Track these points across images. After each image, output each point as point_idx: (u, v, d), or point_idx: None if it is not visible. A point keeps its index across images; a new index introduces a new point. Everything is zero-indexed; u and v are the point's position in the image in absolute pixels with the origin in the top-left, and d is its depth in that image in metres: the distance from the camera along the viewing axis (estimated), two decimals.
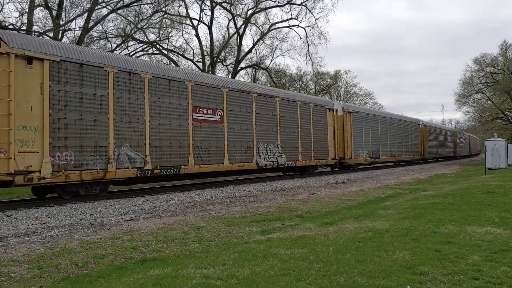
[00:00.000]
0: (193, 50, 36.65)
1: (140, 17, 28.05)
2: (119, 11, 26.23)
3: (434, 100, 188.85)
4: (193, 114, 16.06)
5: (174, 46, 33.59)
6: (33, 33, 21.85)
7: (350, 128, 28.26)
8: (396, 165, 37.53)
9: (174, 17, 32.22)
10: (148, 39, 31.05)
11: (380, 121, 33.36)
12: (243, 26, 35.33)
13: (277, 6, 34.96)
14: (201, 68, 33.64)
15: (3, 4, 23.75)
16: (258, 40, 37.26)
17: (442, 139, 51.15)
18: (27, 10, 22.51)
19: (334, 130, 26.07)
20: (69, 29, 24.63)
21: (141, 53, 31.30)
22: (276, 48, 40.66)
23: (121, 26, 28.68)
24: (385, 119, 34.54)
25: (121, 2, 25.64)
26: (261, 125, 19.71)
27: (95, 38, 27.08)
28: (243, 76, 44.86)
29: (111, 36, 28.12)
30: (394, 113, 41.54)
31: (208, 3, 33.42)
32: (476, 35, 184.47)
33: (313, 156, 23.83)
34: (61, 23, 22.95)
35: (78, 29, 25.28)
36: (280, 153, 20.84)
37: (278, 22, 37.01)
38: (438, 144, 49.19)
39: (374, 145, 31.73)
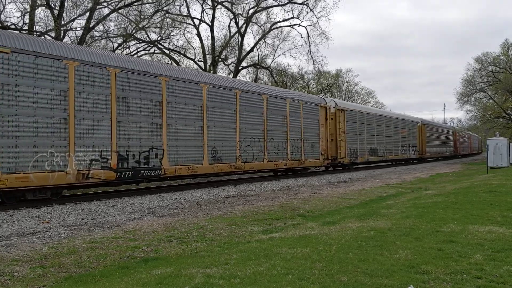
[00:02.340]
0: (194, 49, 36.69)
1: (142, 17, 28.04)
2: (120, 11, 26.22)
3: (436, 99, 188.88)
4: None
5: (176, 45, 33.59)
6: (35, 33, 21.87)
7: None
8: (395, 165, 36.72)
9: (175, 16, 32.21)
10: (149, 39, 31.05)
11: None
12: (244, 25, 35.32)
13: (278, 5, 34.94)
14: (203, 67, 33.64)
15: (5, 4, 23.73)
16: (259, 39, 37.26)
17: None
18: (28, 10, 22.53)
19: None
20: (71, 29, 24.63)
21: (142, 52, 31.32)
22: (277, 47, 40.60)
23: (123, 26, 28.70)
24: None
25: (123, 2, 25.63)
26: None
27: (96, 38, 27.10)
28: (245, 76, 44.91)
29: (112, 35, 28.15)
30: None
31: (210, 3, 33.44)
32: (479, 34, 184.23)
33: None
34: (62, 22, 22.95)
35: (79, 28, 25.31)
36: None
37: (279, 21, 37.01)
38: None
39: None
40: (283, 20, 36.71)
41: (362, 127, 29.34)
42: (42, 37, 21.04)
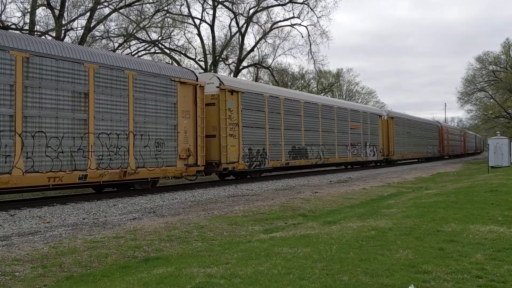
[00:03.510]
0: (195, 49, 36.70)
1: (142, 16, 28.07)
2: (121, 10, 26.25)
3: (436, 99, 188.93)
4: None
5: (176, 45, 33.60)
6: (36, 33, 21.88)
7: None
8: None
9: (176, 16, 32.22)
10: (150, 38, 31.07)
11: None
12: (245, 25, 35.33)
13: (279, 5, 34.94)
14: (203, 67, 33.65)
15: (6, 4, 23.74)
16: (260, 39, 37.26)
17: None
18: (29, 10, 22.55)
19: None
20: (72, 29, 24.67)
21: (143, 52, 31.34)
22: (278, 47, 40.60)
23: (123, 26, 28.73)
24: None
25: (123, 2, 25.66)
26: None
27: (97, 38, 27.11)
28: (245, 75, 44.88)
29: (113, 35, 28.18)
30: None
31: (210, 2, 33.46)
32: (479, 34, 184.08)
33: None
34: (63, 22, 22.97)
35: (80, 28, 25.34)
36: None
37: (280, 21, 37.01)
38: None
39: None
40: (284, 20, 36.73)
41: (276, 118, 21.04)
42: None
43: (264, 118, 20.16)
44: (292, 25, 36.70)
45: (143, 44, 30.95)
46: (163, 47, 31.97)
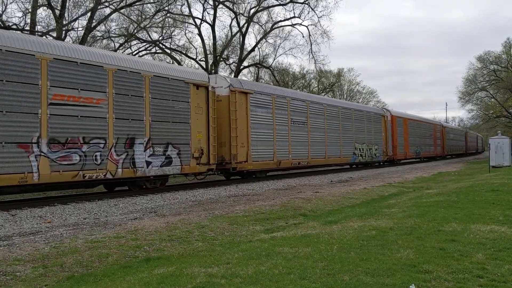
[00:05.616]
0: (196, 49, 36.74)
1: (143, 17, 28.10)
2: (122, 11, 26.28)
3: (438, 99, 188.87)
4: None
5: (177, 45, 33.65)
6: (36, 33, 21.91)
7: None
8: (398, 164, 36.38)
9: (176, 16, 32.25)
10: (151, 38, 31.10)
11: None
12: (245, 25, 35.33)
13: (279, 4, 34.94)
14: (204, 67, 33.66)
15: (6, 4, 23.78)
16: (261, 39, 37.25)
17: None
18: (30, 10, 22.57)
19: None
20: (72, 29, 24.70)
21: (144, 52, 31.36)
22: (278, 46, 40.70)
23: (124, 26, 28.77)
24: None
25: (124, 2, 25.69)
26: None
27: (98, 38, 27.14)
28: (246, 75, 44.89)
29: (114, 35, 28.20)
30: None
31: (211, 2, 33.46)
32: (482, 34, 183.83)
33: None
34: (64, 22, 22.99)
35: (81, 28, 25.37)
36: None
37: (281, 21, 37.01)
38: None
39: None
40: (285, 20, 36.71)
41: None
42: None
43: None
44: (292, 25, 36.72)
45: (144, 44, 30.98)
46: (163, 47, 32.02)
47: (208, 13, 35.31)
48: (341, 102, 31.55)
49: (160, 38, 31.24)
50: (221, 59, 35.32)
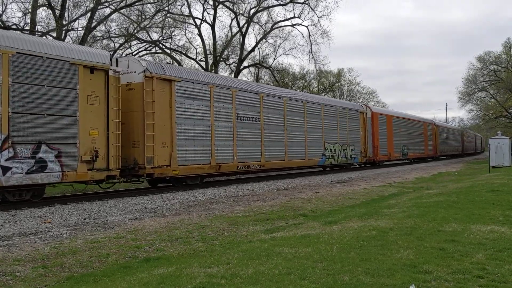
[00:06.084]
0: (196, 49, 36.72)
1: (143, 17, 28.08)
2: (122, 11, 26.27)
3: (438, 99, 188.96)
4: None
5: (177, 45, 33.61)
6: (36, 33, 21.91)
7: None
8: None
9: (177, 16, 32.24)
10: (151, 39, 31.07)
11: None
12: (245, 25, 35.31)
13: (279, 5, 34.91)
14: (204, 67, 33.66)
15: (6, 4, 23.79)
16: (261, 39, 37.23)
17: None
18: (30, 10, 22.58)
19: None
20: (72, 29, 24.70)
21: (144, 52, 31.35)
22: (279, 47, 40.60)
23: (124, 26, 28.75)
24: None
25: (124, 2, 25.68)
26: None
27: (98, 38, 27.13)
28: (246, 75, 44.89)
29: (114, 35, 28.19)
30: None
31: (211, 2, 33.44)
32: (482, 34, 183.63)
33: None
34: (64, 23, 22.99)
35: (81, 28, 25.37)
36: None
37: (281, 21, 36.96)
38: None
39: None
40: (285, 20, 36.66)
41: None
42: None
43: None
44: (293, 25, 36.69)
45: (144, 44, 30.96)
46: (163, 47, 32.00)
47: (208, 13, 35.28)
48: (308, 95, 26.80)
49: (160, 38, 31.23)
50: (221, 59, 35.31)
